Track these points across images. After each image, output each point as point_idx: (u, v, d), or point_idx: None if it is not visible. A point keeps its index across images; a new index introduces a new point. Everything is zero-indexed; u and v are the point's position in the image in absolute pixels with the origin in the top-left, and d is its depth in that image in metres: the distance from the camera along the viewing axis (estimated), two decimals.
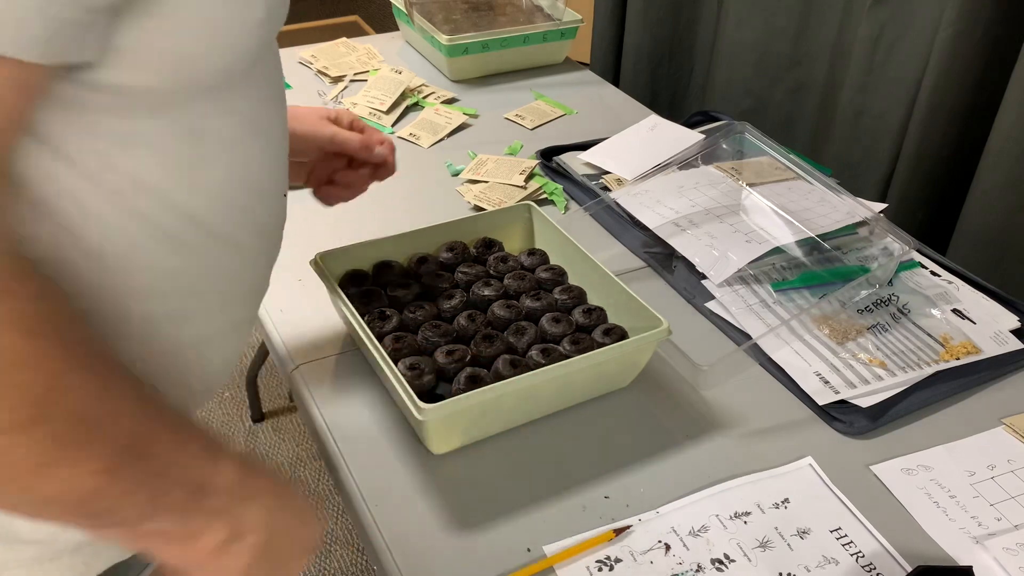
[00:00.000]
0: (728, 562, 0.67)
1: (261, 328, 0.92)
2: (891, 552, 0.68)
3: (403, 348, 0.78)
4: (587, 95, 1.43)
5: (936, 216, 1.34)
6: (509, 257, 0.91)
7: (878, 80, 1.35)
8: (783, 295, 0.95)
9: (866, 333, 0.91)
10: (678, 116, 1.42)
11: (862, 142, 1.41)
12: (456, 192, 1.13)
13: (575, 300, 0.85)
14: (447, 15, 1.51)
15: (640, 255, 1.03)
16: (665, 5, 1.73)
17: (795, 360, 0.87)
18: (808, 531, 0.70)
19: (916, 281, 0.99)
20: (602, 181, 1.15)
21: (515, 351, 0.80)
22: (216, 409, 1.90)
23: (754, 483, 0.74)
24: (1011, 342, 0.90)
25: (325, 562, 1.58)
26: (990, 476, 0.76)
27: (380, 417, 0.79)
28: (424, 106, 1.35)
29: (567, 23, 1.49)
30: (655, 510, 0.71)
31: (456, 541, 0.68)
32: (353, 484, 0.73)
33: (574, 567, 0.66)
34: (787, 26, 1.51)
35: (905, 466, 0.76)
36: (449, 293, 0.85)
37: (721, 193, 1.06)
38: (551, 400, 0.79)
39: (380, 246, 0.89)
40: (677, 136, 1.22)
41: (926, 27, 1.26)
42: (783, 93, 1.57)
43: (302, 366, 0.85)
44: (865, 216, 1.01)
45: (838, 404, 0.82)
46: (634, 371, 0.82)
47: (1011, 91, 1.13)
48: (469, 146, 1.25)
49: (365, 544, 0.71)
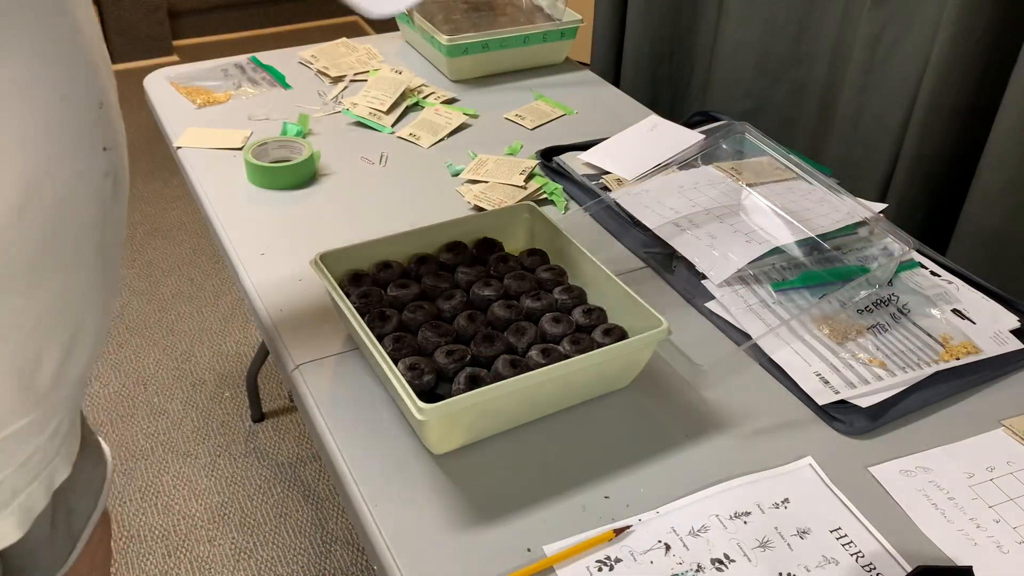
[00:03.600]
0: (728, 562, 0.67)
1: (261, 328, 0.92)
2: (891, 552, 0.68)
3: (403, 348, 0.78)
4: (587, 95, 1.43)
5: (936, 216, 1.34)
6: (509, 257, 0.91)
7: (878, 80, 1.35)
8: (783, 295, 0.95)
9: (866, 333, 0.91)
10: (678, 116, 1.43)
11: (862, 142, 1.41)
12: (456, 192, 1.13)
13: (575, 300, 0.85)
14: (447, 15, 1.51)
15: (640, 255, 1.03)
16: (665, 5, 1.73)
17: (795, 360, 0.87)
18: (808, 531, 0.70)
19: (916, 281, 0.99)
20: (602, 181, 1.15)
21: (515, 351, 0.80)
22: (216, 409, 1.90)
23: (754, 483, 0.74)
24: (1011, 342, 0.90)
25: (325, 562, 1.58)
26: (989, 478, 0.76)
27: (380, 417, 0.79)
28: (424, 106, 1.35)
29: (567, 23, 1.49)
30: (655, 510, 0.71)
31: (456, 541, 0.68)
32: (353, 484, 0.73)
33: (574, 567, 0.66)
34: (787, 26, 1.51)
35: (904, 467, 0.76)
36: (449, 293, 0.85)
37: (721, 193, 1.06)
38: (551, 400, 0.79)
39: (380, 246, 0.89)
40: (677, 136, 1.22)
41: (926, 27, 1.27)
42: (783, 93, 1.57)
43: (302, 366, 0.85)
44: (865, 216, 1.01)
45: (838, 404, 0.82)
46: (634, 371, 0.82)
47: (1011, 91, 1.14)
48: (469, 146, 1.25)
49: (365, 544, 0.71)
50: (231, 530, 1.64)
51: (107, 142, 0.55)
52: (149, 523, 1.65)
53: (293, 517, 1.67)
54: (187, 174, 1.18)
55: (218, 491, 1.72)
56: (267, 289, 0.94)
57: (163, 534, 1.63)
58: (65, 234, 0.52)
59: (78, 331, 0.58)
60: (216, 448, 1.81)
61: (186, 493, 1.71)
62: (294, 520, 1.66)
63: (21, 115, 0.47)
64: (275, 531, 1.64)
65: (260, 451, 1.81)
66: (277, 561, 1.59)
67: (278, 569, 1.57)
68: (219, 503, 1.69)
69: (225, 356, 2.05)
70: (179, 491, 1.72)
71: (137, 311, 2.16)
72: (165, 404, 1.91)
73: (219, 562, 1.58)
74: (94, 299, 0.59)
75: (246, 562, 1.58)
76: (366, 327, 0.77)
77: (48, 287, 0.53)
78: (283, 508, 1.68)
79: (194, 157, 1.20)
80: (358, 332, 0.77)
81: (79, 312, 0.57)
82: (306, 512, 1.68)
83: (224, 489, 1.72)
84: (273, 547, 1.61)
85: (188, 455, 1.79)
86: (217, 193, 1.11)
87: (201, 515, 1.67)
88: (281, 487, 1.73)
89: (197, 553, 1.60)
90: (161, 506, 1.68)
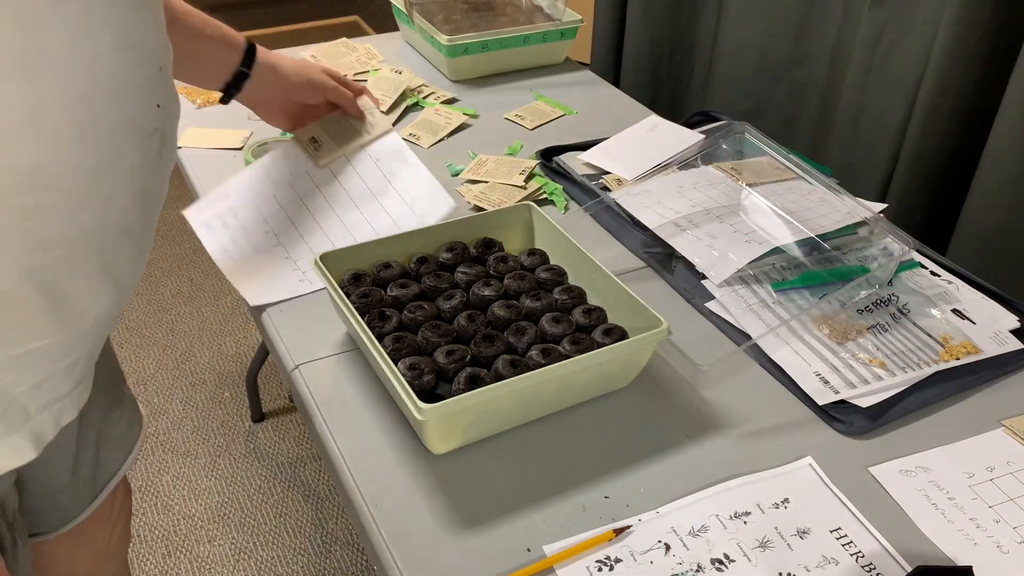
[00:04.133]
0: (728, 562, 0.67)
1: (261, 328, 0.92)
2: (891, 552, 0.68)
3: (403, 348, 0.78)
4: (587, 95, 1.43)
5: (936, 216, 1.34)
6: (509, 257, 0.91)
7: (878, 80, 1.35)
8: (783, 295, 0.95)
9: (866, 333, 0.91)
10: (678, 116, 1.43)
11: (862, 142, 1.41)
12: (456, 192, 1.13)
13: (575, 300, 0.85)
14: (447, 15, 1.51)
15: (640, 255, 1.03)
16: (665, 5, 1.73)
17: (795, 360, 0.87)
18: (808, 531, 0.70)
19: (916, 281, 0.99)
20: (602, 181, 1.15)
21: (515, 351, 0.80)
22: (216, 409, 1.90)
23: (754, 483, 0.74)
24: (1011, 342, 0.90)
25: (325, 562, 1.58)
26: (989, 478, 0.76)
27: (380, 417, 0.79)
28: (424, 106, 1.35)
29: (567, 23, 1.49)
30: (655, 510, 0.71)
31: (456, 541, 0.68)
32: (353, 484, 0.73)
33: (574, 567, 0.66)
34: (787, 26, 1.51)
35: (904, 468, 0.76)
36: (449, 293, 0.85)
37: (721, 193, 1.06)
38: (551, 400, 0.79)
39: (380, 246, 0.89)
40: (677, 136, 1.22)
41: (926, 27, 1.27)
42: (783, 93, 1.57)
43: (302, 366, 0.85)
44: (865, 216, 1.01)
45: (838, 404, 0.82)
46: (634, 371, 0.82)
47: (1011, 91, 1.14)
48: (469, 146, 1.25)
49: (365, 544, 0.71)
50: (231, 530, 1.64)
51: (161, 101, 0.61)
52: (149, 523, 1.65)
53: (293, 517, 1.67)
54: (187, 174, 1.18)
55: (218, 491, 1.72)
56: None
57: (163, 534, 1.63)
58: (113, 168, 0.58)
59: (106, 269, 0.61)
60: (216, 448, 1.81)
61: (186, 493, 1.71)
62: (294, 520, 1.66)
63: (96, 48, 0.53)
64: (275, 531, 1.64)
65: (260, 451, 1.81)
66: (277, 561, 1.59)
67: (278, 569, 1.57)
68: (219, 503, 1.69)
69: (225, 356, 2.05)
70: (179, 491, 1.72)
71: (137, 311, 2.16)
72: (165, 404, 1.91)
73: (219, 562, 1.58)
74: (126, 247, 0.63)
75: (246, 562, 1.58)
76: (366, 327, 0.77)
77: (91, 214, 0.58)
78: (283, 508, 1.69)
79: (194, 157, 1.20)
80: (358, 332, 0.77)
81: (112, 250, 0.61)
82: (306, 512, 1.68)
83: (224, 489, 1.72)
84: (273, 547, 1.61)
85: (188, 455, 1.79)
86: None
87: (201, 515, 1.67)
88: (281, 487, 1.73)
89: (197, 553, 1.60)
90: (161, 506, 1.68)
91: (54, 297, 0.58)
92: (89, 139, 0.54)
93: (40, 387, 0.62)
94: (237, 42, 0.94)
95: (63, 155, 0.53)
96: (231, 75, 0.95)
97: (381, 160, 1.05)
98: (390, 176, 1.04)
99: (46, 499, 0.81)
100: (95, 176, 0.56)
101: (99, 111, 0.54)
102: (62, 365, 0.63)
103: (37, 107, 0.51)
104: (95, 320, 0.63)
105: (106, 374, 0.84)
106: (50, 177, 0.53)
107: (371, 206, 1.02)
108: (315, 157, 1.04)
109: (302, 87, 1.02)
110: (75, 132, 0.53)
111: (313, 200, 1.02)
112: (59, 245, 0.56)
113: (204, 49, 0.91)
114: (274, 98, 1.02)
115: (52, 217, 0.55)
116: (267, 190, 1.02)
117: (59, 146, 0.53)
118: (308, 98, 1.03)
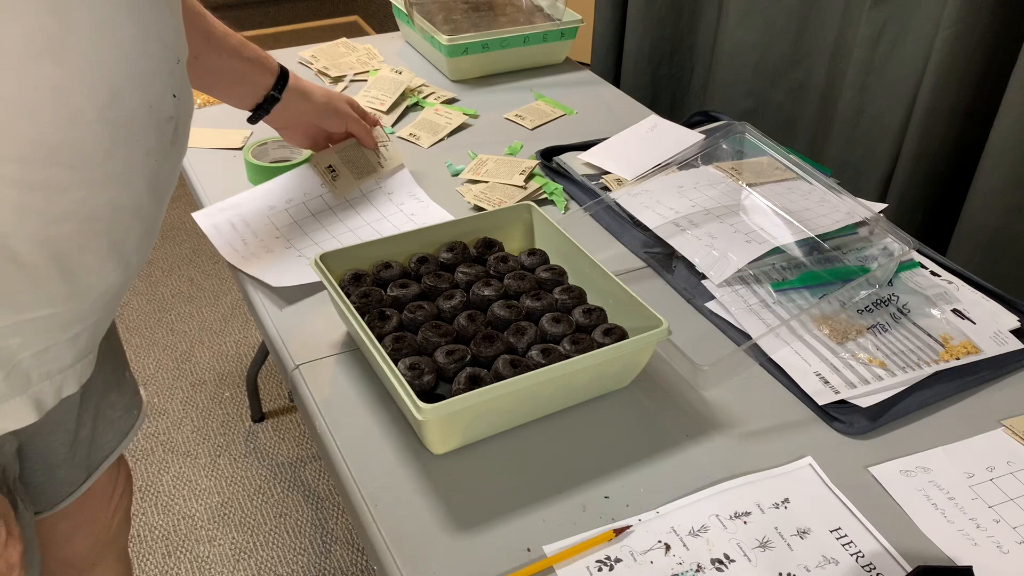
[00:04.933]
0: (728, 562, 0.67)
1: (261, 328, 0.92)
2: (891, 552, 0.68)
3: (403, 348, 0.78)
4: (587, 95, 1.43)
5: (936, 216, 1.34)
6: (509, 257, 0.91)
7: (878, 80, 1.35)
8: (783, 295, 0.95)
9: (866, 333, 0.91)
10: (678, 116, 1.43)
11: (862, 142, 1.41)
12: (456, 192, 1.14)
13: (575, 300, 0.85)
14: (447, 15, 1.51)
15: (640, 255, 1.03)
16: (665, 5, 1.73)
17: (795, 360, 0.87)
18: (808, 531, 0.70)
19: (916, 281, 0.99)
20: (602, 181, 1.15)
21: (515, 351, 0.80)
22: (216, 409, 1.90)
23: (754, 483, 0.74)
24: (1011, 342, 0.90)
25: (325, 562, 1.58)
26: (989, 478, 0.76)
27: (380, 417, 0.79)
28: (424, 106, 1.35)
29: (567, 23, 1.49)
30: (655, 510, 0.71)
31: (456, 541, 0.68)
32: (353, 484, 0.73)
33: (574, 567, 0.66)
34: (787, 26, 1.51)
35: (904, 468, 0.76)
36: (449, 293, 0.85)
37: (721, 193, 1.06)
38: (551, 400, 0.79)
39: (380, 246, 0.89)
40: (677, 136, 1.22)
41: (926, 27, 1.27)
42: (783, 93, 1.57)
43: (302, 366, 0.85)
44: (865, 216, 1.01)
45: (838, 404, 0.82)
46: (634, 371, 0.82)
47: (1011, 91, 1.14)
48: (469, 146, 1.25)
49: (365, 544, 0.71)
50: (231, 530, 1.64)
51: (177, 92, 0.63)
52: (149, 523, 1.65)
53: (293, 517, 1.67)
54: (187, 174, 1.18)
55: (218, 491, 1.72)
56: (267, 289, 0.94)
57: (163, 534, 1.63)
58: (128, 148, 0.60)
59: (115, 247, 0.63)
60: (216, 448, 1.81)
61: (186, 493, 1.71)
62: (294, 520, 1.66)
63: (120, 35, 0.56)
64: (275, 531, 1.64)
65: (260, 451, 1.81)
66: (277, 561, 1.59)
67: (278, 569, 1.57)
68: (219, 503, 1.69)
69: (225, 356, 2.05)
70: (179, 491, 1.72)
71: (137, 311, 2.16)
72: (165, 404, 1.91)
73: (219, 562, 1.58)
74: (136, 227, 0.64)
75: (246, 562, 1.58)
76: (366, 327, 0.77)
77: (105, 191, 0.60)
78: (283, 508, 1.69)
79: (194, 157, 1.20)
80: (358, 332, 0.77)
81: (122, 229, 0.63)
82: (306, 512, 1.68)
83: (224, 489, 1.72)
84: (273, 547, 1.61)
85: (188, 455, 1.79)
86: (217, 193, 1.11)
87: (201, 515, 1.67)
88: (281, 487, 1.73)
89: (197, 553, 1.60)
90: (161, 506, 1.68)
91: (64, 269, 0.60)
92: (108, 120, 0.57)
93: (43, 355, 0.63)
94: (272, 65, 0.99)
95: (82, 133, 0.56)
96: (262, 97, 0.99)
97: (393, 194, 1.10)
98: (400, 205, 1.09)
99: (44, 473, 0.83)
100: (111, 156, 0.58)
101: (119, 94, 0.57)
102: (65, 336, 0.64)
103: (62, 87, 0.53)
104: (100, 295, 0.65)
105: (109, 357, 0.87)
106: (69, 154, 0.55)
107: (381, 224, 1.06)
108: (332, 187, 1.07)
109: (327, 116, 1.07)
110: (94, 113, 0.56)
111: (325, 217, 1.05)
112: (73, 219, 0.58)
113: (241, 68, 0.95)
114: (299, 123, 1.07)
115: (68, 192, 0.57)
116: (279, 205, 1.05)
117: (78, 125, 0.55)
118: (331, 127, 1.09)
